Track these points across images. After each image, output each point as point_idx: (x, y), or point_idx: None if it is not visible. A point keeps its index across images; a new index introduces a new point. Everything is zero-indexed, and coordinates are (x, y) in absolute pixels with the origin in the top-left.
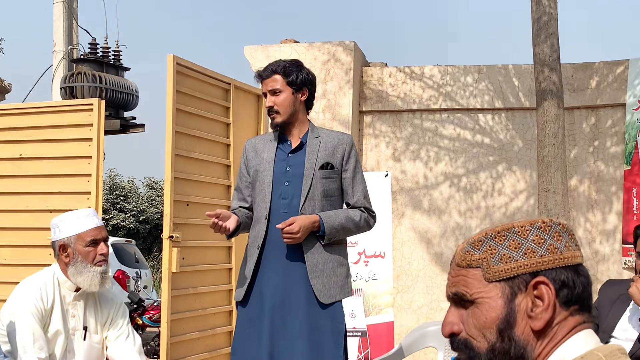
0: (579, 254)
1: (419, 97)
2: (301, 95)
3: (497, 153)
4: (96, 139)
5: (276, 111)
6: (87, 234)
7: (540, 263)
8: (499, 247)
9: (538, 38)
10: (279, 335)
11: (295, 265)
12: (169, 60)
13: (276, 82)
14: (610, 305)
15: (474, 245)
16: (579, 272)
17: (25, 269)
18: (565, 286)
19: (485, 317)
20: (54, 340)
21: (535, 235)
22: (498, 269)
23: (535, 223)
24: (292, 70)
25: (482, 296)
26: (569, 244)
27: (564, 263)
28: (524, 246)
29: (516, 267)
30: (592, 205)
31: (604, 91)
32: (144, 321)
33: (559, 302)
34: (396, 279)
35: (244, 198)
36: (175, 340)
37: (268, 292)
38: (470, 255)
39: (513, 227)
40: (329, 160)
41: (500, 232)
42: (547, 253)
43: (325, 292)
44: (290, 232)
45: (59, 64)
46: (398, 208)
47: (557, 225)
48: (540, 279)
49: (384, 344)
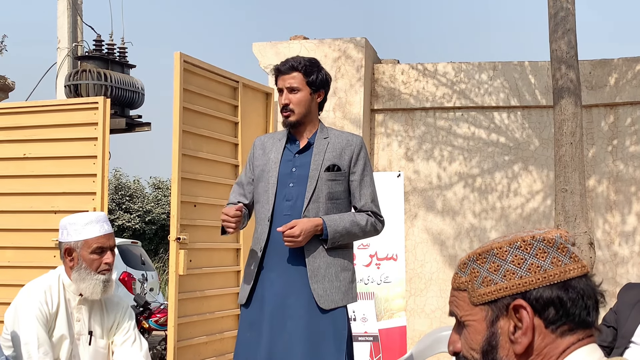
0: (572, 267)
1: (432, 94)
2: (318, 96)
3: (513, 152)
4: (101, 138)
5: (291, 110)
6: (94, 241)
7: (520, 285)
8: (481, 269)
9: (555, 34)
10: (278, 340)
11: (297, 269)
12: (175, 57)
13: (295, 80)
14: (630, 309)
15: (460, 267)
16: (568, 288)
17: (29, 271)
18: (551, 305)
19: (472, 339)
20: (59, 345)
21: (514, 255)
22: (481, 292)
23: (514, 243)
24: (313, 69)
25: (470, 319)
26: (557, 259)
27: (550, 281)
28: (502, 268)
29: (496, 290)
30: (611, 206)
31: (623, 88)
32: (150, 324)
33: (546, 323)
34: (409, 282)
35: (244, 194)
36: (182, 344)
37: (268, 296)
38: (458, 278)
39: (492, 249)
40: (335, 162)
41: (481, 255)
42: (527, 274)
43: (327, 297)
44: (292, 236)
45: (64, 61)
46: (411, 209)
47: (540, 242)
48: (518, 302)
49: (396, 349)
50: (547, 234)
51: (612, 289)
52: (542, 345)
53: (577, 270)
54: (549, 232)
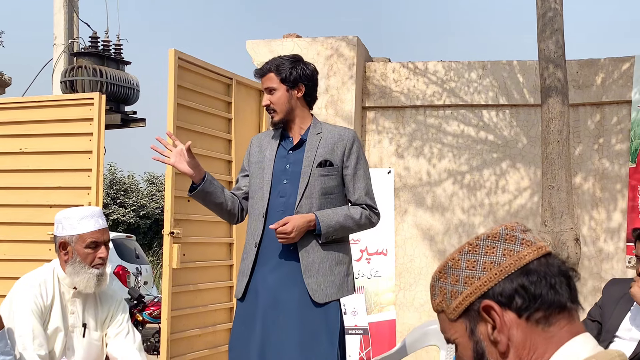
0: (526, 252)
1: (422, 93)
2: (297, 91)
3: (501, 150)
4: (97, 133)
5: (273, 109)
6: (89, 235)
7: (481, 286)
8: (446, 285)
9: (543, 34)
10: (271, 334)
11: (291, 264)
12: (170, 54)
13: (271, 81)
14: (614, 304)
15: (431, 291)
16: (528, 273)
17: (24, 264)
18: (515, 294)
19: (464, 355)
20: (54, 337)
21: (467, 261)
22: (452, 306)
23: (463, 249)
24: (285, 67)
25: (455, 337)
26: (508, 250)
27: (507, 272)
28: (461, 276)
29: (463, 299)
30: (597, 203)
31: (610, 88)
32: (144, 317)
33: (518, 313)
34: (398, 276)
35: (239, 187)
36: (175, 337)
37: (262, 291)
38: (433, 302)
39: (447, 263)
40: (327, 158)
41: (441, 272)
42: (483, 273)
43: (320, 291)
44: (284, 232)
45: (60, 57)
46: (401, 205)
47: (485, 240)
48: (484, 303)
49: (385, 342)
50: (492, 230)
51: (598, 284)
52: (524, 338)
53: (533, 254)
54: (493, 229)
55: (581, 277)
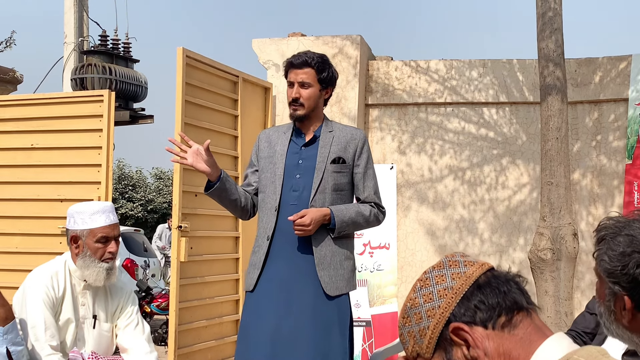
0: (472, 271)
1: (424, 90)
2: (326, 93)
3: (501, 147)
4: (106, 129)
5: (301, 104)
6: (100, 230)
7: (443, 313)
8: (412, 327)
9: (543, 33)
10: (284, 325)
11: (304, 257)
12: (178, 52)
13: (307, 75)
14: None
15: (402, 341)
16: (480, 287)
17: (36, 257)
18: (477, 309)
19: None
20: (65, 329)
21: (423, 296)
22: (425, 344)
23: (415, 287)
24: (325, 67)
25: None
26: (455, 274)
27: (462, 292)
28: (423, 311)
29: (432, 332)
30: (594, 198)
31: (607, 86)
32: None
33: (484, 325)
34: (400, 270)
35: (249, 183)
36: (183, 328)
37: (275, 283)
38: (407, 350)
39: (406, 305)
40: (341, 155)
41: (404, 317)
42: (441, 301)
43: (332, 284)
44: (302, 224)
45: (70, 55)
46: (403, 201)
47: (432, 272)
48: (452, 326)
49: (388, 333)
50: (436, 263)
51: (595, 278)
52: (496, 346)
53: (478, 270)
54: (437, 262)
55: (579, 271)
